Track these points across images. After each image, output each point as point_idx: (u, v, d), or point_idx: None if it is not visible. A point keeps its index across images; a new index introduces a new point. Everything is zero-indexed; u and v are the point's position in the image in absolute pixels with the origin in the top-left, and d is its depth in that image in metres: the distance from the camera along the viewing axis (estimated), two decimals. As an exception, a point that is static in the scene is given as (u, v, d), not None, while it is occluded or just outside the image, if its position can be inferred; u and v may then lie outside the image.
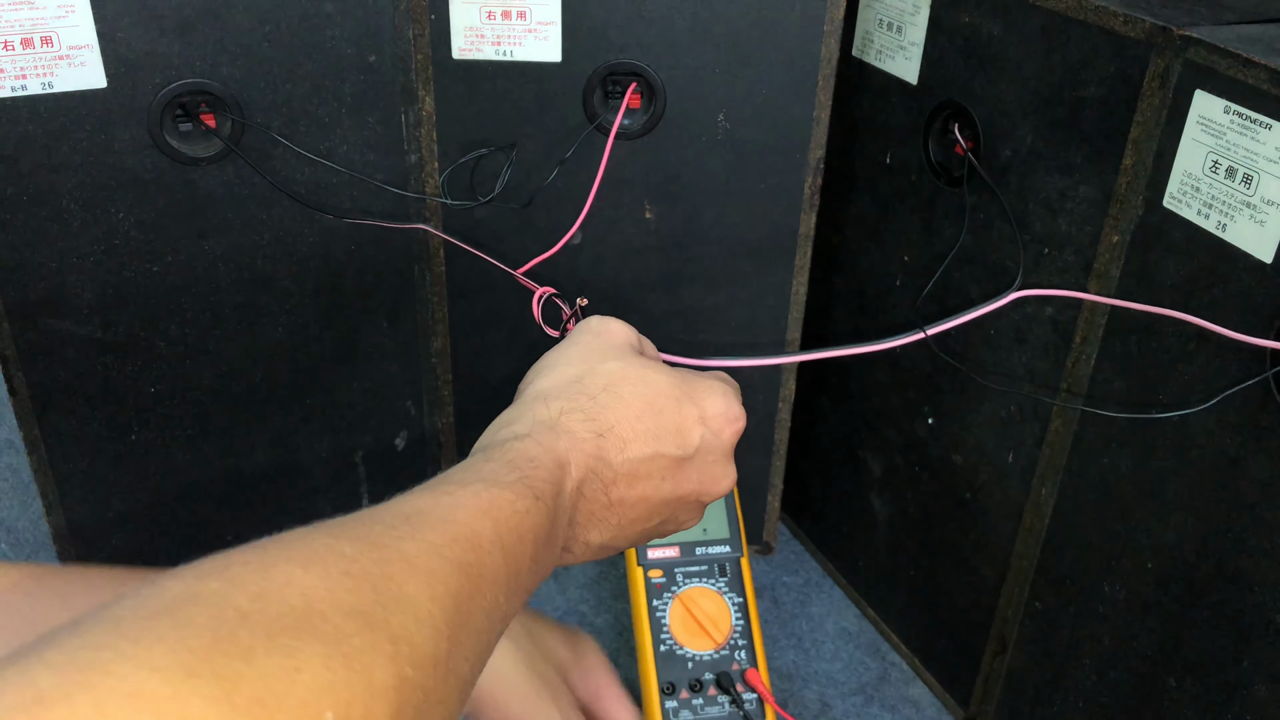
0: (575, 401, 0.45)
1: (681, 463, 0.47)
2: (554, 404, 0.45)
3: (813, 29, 0.65)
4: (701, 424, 0.48)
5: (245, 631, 0.26)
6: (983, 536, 0.68)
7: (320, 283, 0.71)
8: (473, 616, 0.34)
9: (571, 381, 0.46)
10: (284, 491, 0.77)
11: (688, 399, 0.48)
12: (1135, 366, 0.54)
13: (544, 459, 0.41)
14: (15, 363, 0.64)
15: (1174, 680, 0.55)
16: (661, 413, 0.46)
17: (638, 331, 0.52)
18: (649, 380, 0.47)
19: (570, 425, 0.44)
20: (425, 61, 0.66)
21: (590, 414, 0.45)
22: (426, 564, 0.33)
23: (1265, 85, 0.45)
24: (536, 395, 0.46)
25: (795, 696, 0.75)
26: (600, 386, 0.46)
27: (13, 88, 0.58)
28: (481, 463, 0.40)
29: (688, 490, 0.48)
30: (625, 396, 0.46)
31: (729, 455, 0.50)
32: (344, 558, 0.31)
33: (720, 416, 0.49)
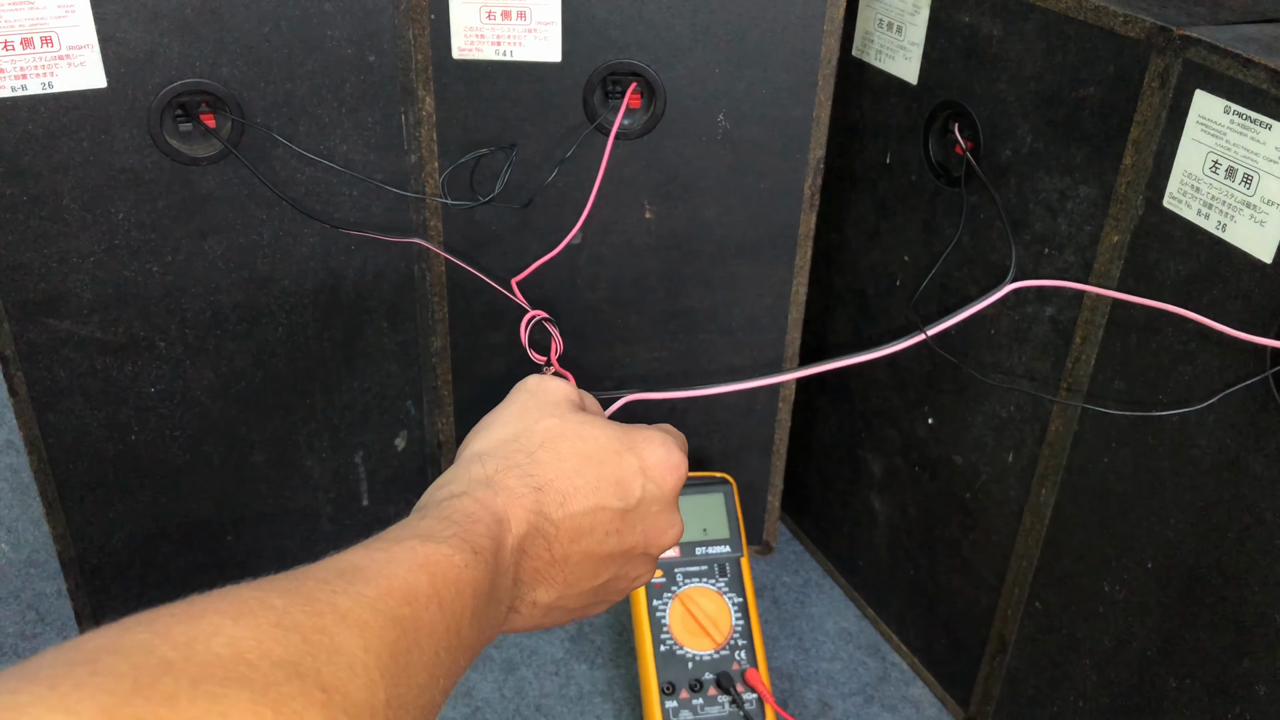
0: (511, 459, 0.45)
1: (625, 514, 0.47)
2: (490, 462, 0.45)
3: (813, 29, 0.65)
4: (642, 474, 0.47)
5: (169, 679, 0.26)
6: (983, 536, 0.68)
7: (320, 282, 0.71)
8: (411, 670, 0.34)
9: (507, 440, 0.46)
10: (284, 491, 0.77)
11: (628, 450, 0.47)
12: (1135, 366, 0.54)
13: (482, 515, 0.41)
14: (15, 363, 0.64)
15: (1174, 680, 0.55)
16: (601, 465, 0.46)
17: (577, 387, 0.52)
18: (586, 435, 0.47)
19: (507, 482, 0.44)
20: (425, 61, 0.66)
21: (527, 470, 0.44)
22: (359, 617, 0.33)
23: (1265, 85, 0.45)
24: (473, 456, 0.45)
25: (795, 696, 0.75)
26: (537, 443, 0.46)
27: (13, 88, 0.58)
28: (417, 520, 0.40)
29: (633, 543, 0.48)
30: (562, 452, 0.46)
31: (673, 505, 0.50)
32: (274, 610, 0.31)
33: (660, 465, 0.48)
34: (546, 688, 0.75)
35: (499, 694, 0.74)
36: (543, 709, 0.73)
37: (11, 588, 0.81)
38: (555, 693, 0.74)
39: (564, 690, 0.75)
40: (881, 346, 0.61)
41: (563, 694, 0.74)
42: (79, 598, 0.74)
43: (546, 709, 0.73)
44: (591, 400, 0.53)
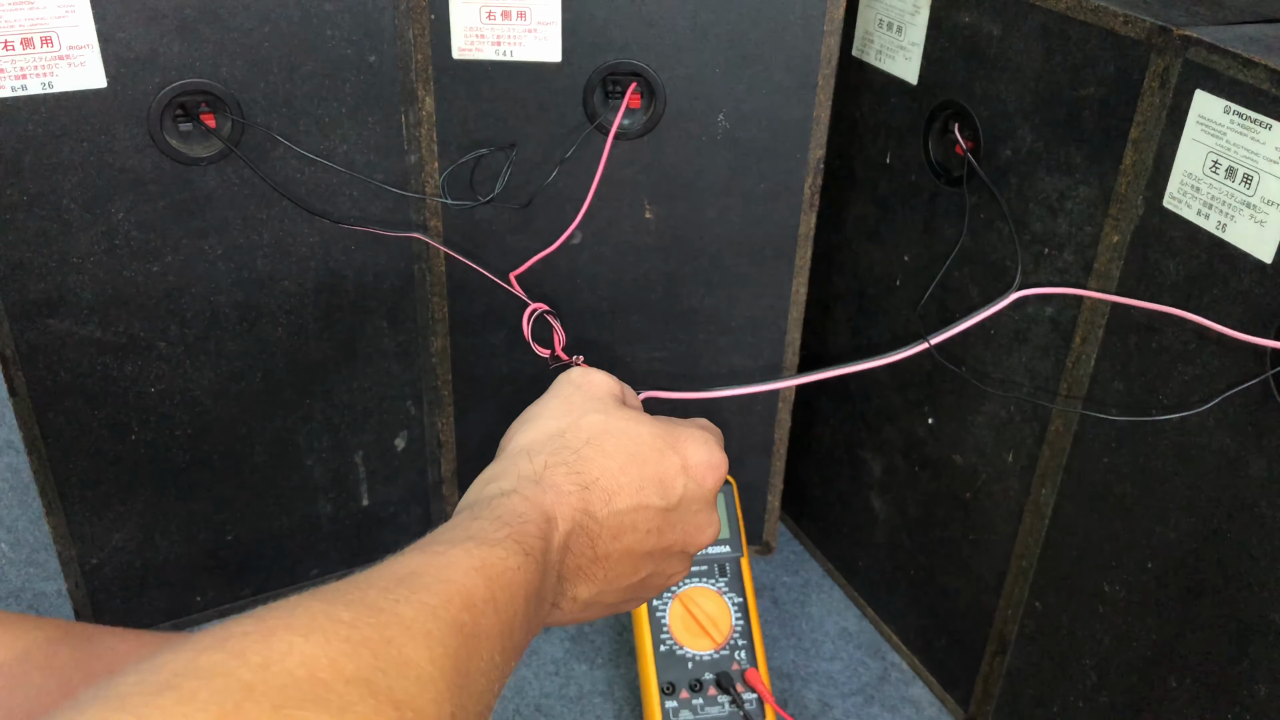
0: (559, 456, 0.45)
1: (666, 513, 0.47)
2: (538, 458, 0.45)
3: (813, 29, 0.65)
4: (684, 473, 0.48)
5: (251, 704, 0.26)
6: (983, 536, 0.68)
7: (320, 282, 0.71)
8: (471, 677, 0.34)
9: (554, 435, 0.46)
10: (284, 491, 0.77)
11: (670, 449, 0.48)
12: (1135, 367, 0.54)
13: (531, 514, 0.41)
14: (15, 363, 0.64)
15: (1174, 680, 0.55)
16: (645, 464, 0.47)
17: (619, 380, 0.52)
18: (631, 432, 0.47)
19: (555, 479, 0.44)
20: (425, 61, 0.66)
21: (574, 468, 0.45)
22: (424, 626, 0.33)
23: (1265, 85, 0.45)
24: (519, 450, 0.46)
25: (795, 696, 0.75)
26: (583, 440, 0.46)
27: (13, 88, 0.58)
28: (469, 520, 0.40)
29: (672, 541, 0.48)
30: (608, 449, 0.46)
31: (712, 504, 0.50)
32: (342, 624, 0.31)
33: (703, 465, 0.49)
34: (546, 688, 0.75)
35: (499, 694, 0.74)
36: (543, 709, 0.73)
37: (11, 588, 0.81)
38: (555, 693, 0.74)
39: (564, 690, 0.75)
40: (888, 354, 0.61)
41: (563, 694, 0.74)
42: (79, 598, 0.74)
43: (546, 709, 0.73)
44: (631, 393, 0.53)
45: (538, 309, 0.64)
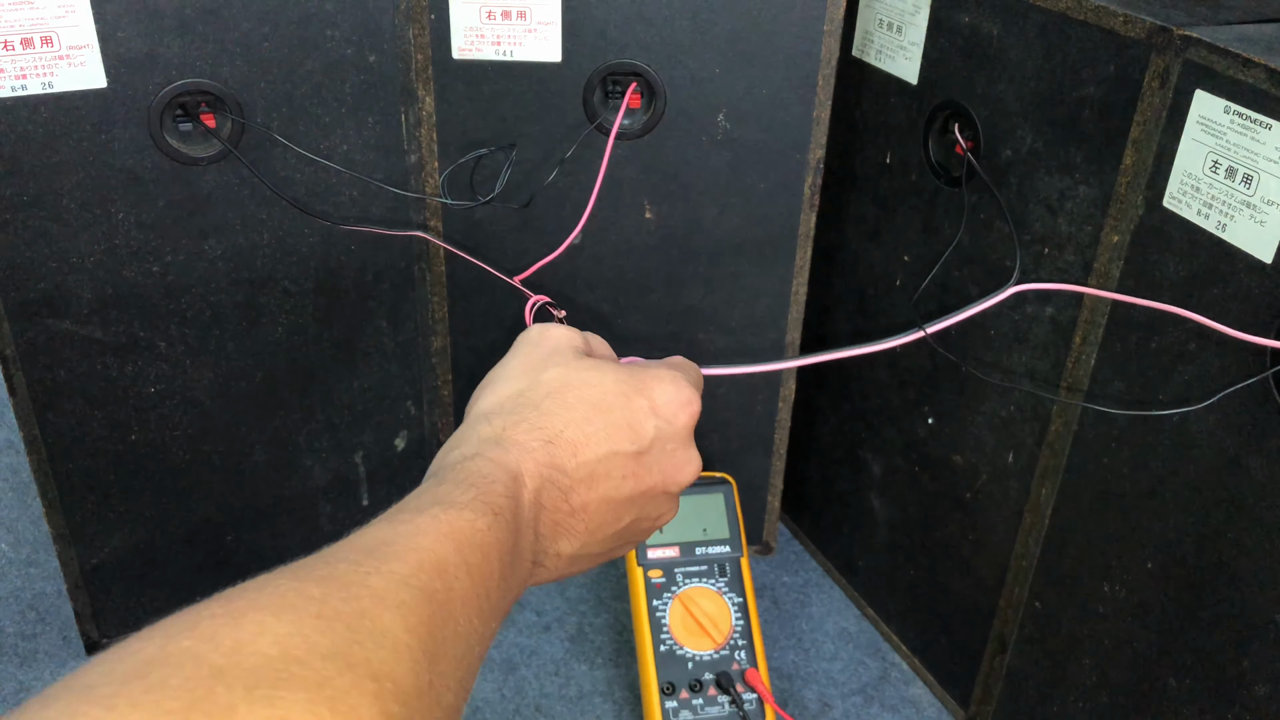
0: (519, 414, 0.45)
1: (639, 457, 0.47)
2: (497, 420, 0.44)
3: (813, 29, 0.65)
4: (653, 414, 0.47)
5: (223, 687, 0.26)
6: (983, 536, 0.68)
7: (320, 283, 0.71)
8: (448, 643, 0.34)
9: (514, 396, 0.46)
10: (284, 491, 0.77)
11: (636, 392, 0.47)
12: (1135, 367, 0.54)
13: (496, 474, 0.41)
14: (15, 363, 0.64)
15: (1174, 680, 0.55)
16: (610, 410, 0.46)
17: (581, 332, 0.51)
18: (593, 381, 0.47)
19: (517, 437, 0.43)
20: (425, 61, 0.66)
21: (536, 423, 0.44)
22: (396, 596, 0.33)
23: (1265, 85, 0.45)
24: (479, 415, 0.45)
25: (795, 696, 0.75)
26: (544, 395, 0.46)
27: (13, 88, 0.58)
28: (435, 486, 0.40)
29: (651, 484, 0.48)
30: (570, 401, 0.46)
31: (688, 441, 0.50)
32: (313, 600, 0.31)
33: (671, 403, 0.48)
34: (546, 688, 0.75)
35: (499, 694, 0.74)
36: (543, 709, 0.73)
37: (11, 588, 0.81)
38: (555, 693, 0.74)
39: (564, 690, 0.75)
40: (883, 340, 0.61)
41: (563, 694, 0.74)
42: (79, 598, 0.74)
43: (546, 709, 0.73)
44: (599, 343, 0.53)
45: (539, 300, 0.64)
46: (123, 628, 0.76)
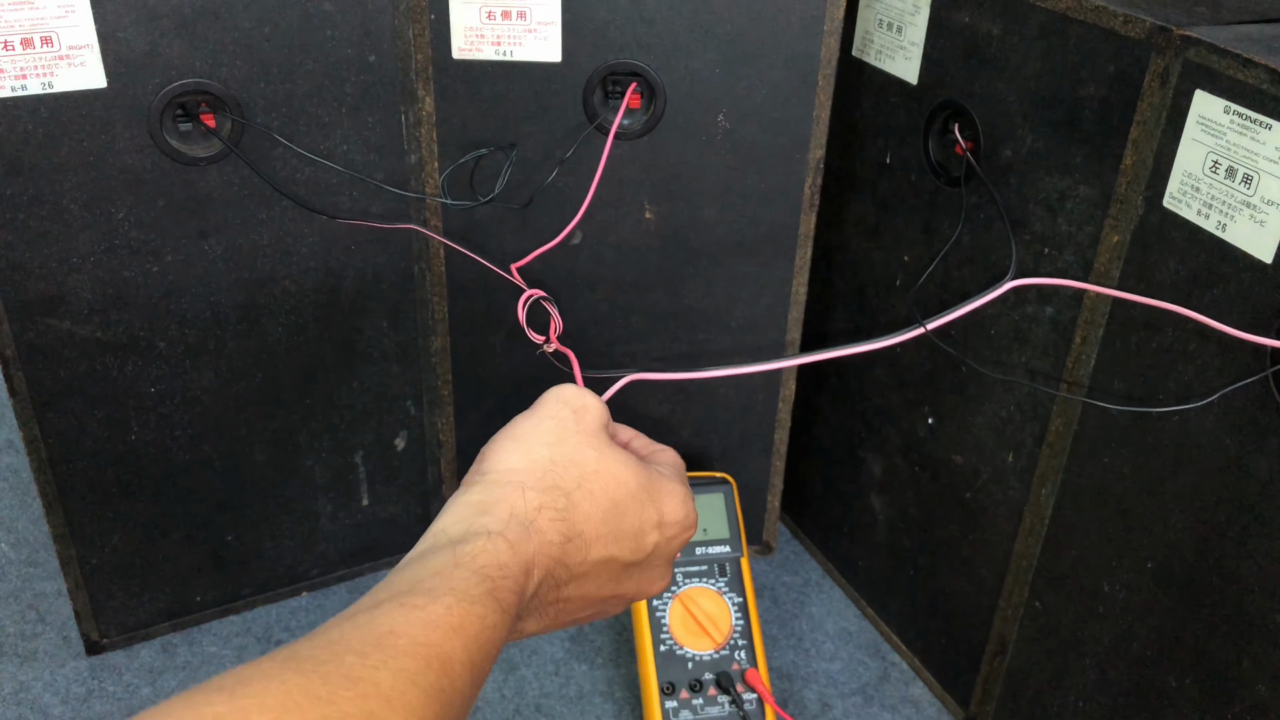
0: (550, 496, 0.44)
1: (629, 567, 0.47)
2: (530, 496, 0.44)
3: (813, 29, 0.65)
4: (658, 530, 0.47)
5: None
6: (983, 536, 0.68)
7: (320, 282, 0.71)
8: None
9: (546, 466, 0.45)
10: (284, 491, 0.77)
11: (650, 501, 0.47)
12: (1135, 366, 0.54)
13: (513, 567, 0.41)
14: (15, 363, 0.64)
15: (1174, 680, 0.55)
16: (625, 515, 0.46)
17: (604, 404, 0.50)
18: (621, 478, 0.46)
19: (542, 526, 0.43)
20: (425, 61, 0.66)
21: (563, 514, 0.44)
22: (404, 698, 0.33)
23: (1265, 85, 0.45)
24: (512, 481, 0.44)
25: (795, 696, 0.75)
26: (575, 482, 0.45)
27: (13, 88, 0.58)
28: (452, 568, 0.39)
29: (626, 591, 0.48)
30: (596, 495, 0.45)
31: (670, 560, 0.50)
32: (320, 700, 0.31)
33: (676, 525, 0.48)
34: (546, 688, 0.75)
35: (499, 694, 0.74)
36: (543, 709, 0.73)
37: (11, 588, 0.81)
38: (555, 693, 0.74)
39: (564, 690, 0.75)
40: (882, 337, 0.61)
41: (563, 694, 0.74)
42: (79, 598, 0.74)
43: (546, 709, 0.73)
44: (612, 423, 0.52)
45: (534, 294, 0.64)
46: (123, 628, 0.76)
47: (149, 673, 0.75)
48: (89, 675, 0.75)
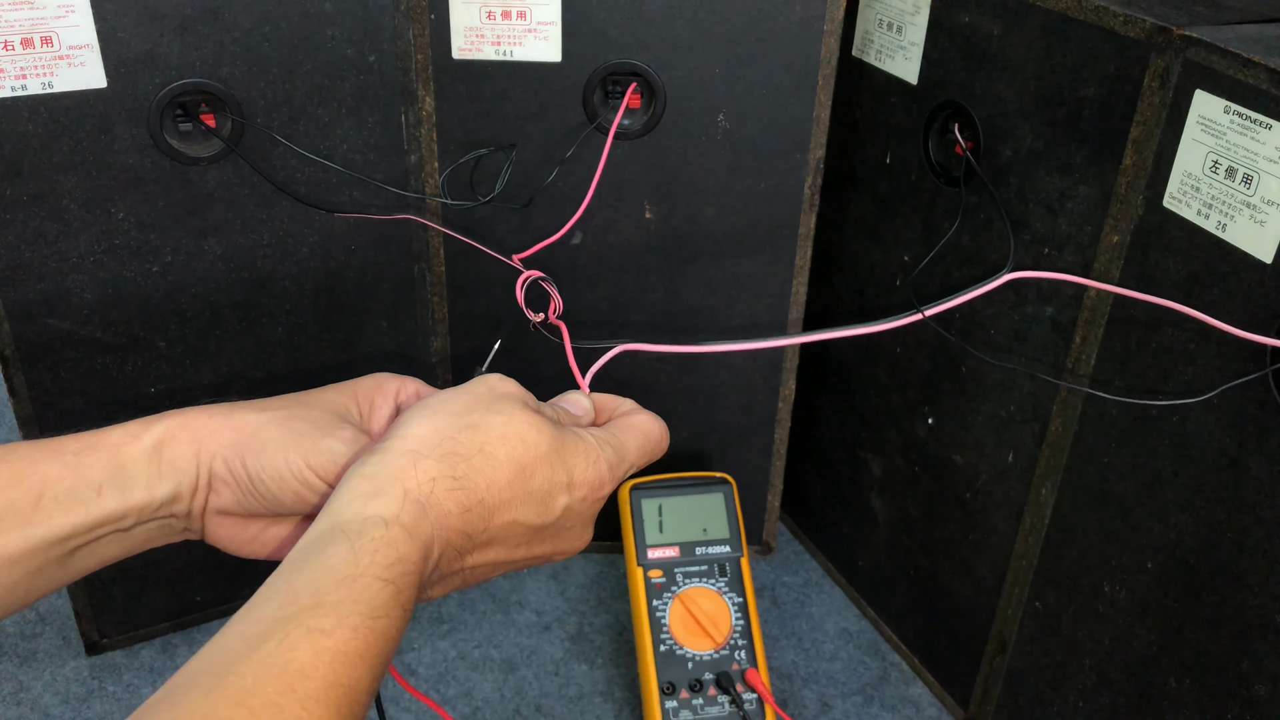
0: (446, 465, 0.43)
1: (539, 530, 0.47)
2: (424, 466, 0.43)
3: (813, 29, 0.65)
4: (567, 490, 0.47)
5: None
6: (983, 536, 0.68)
7: (320, 283, 0.71)
8: None
9: (447, 436, 0.45)
10: (284, 491, 0.76)
11: (560, 462, 0.46)
12: (1135, 366, 0.54)
13: (412, 555, 0.40)
14: (15, 363, 0.64)
15: (1174, 680, 0.55)
16: (531, 477, 0.45)
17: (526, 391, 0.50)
18: (529, 439, 0.46)
19: (439, 498, 0.42)
20: (425, 61, 0.66)
21: (460, 482, 0.43)
22: None
23: (1265, 85, 0.45)
24: (408, 450, 0.44)
25: (795, 696, 0.75)
26: (475, 447, 0.44)
27: (13, 88, 0.58)
28: (354, 574, 0.38)
29: (539, 553, 0.48)
30: (499, 458, 0.45)
31: (590, 520, 0.49)
32: None
33: (587, 485, 0.47)
34: (546, 688, 0.75)
35: (499, 694, 0.74)
36: (543, 709, 0.73)
37: (11, 588, 0.81)
38: (555, 693, 0.74)
39: (564, 690, 0.75)
40: (881, 321, 0.60)
41: (563, 694, 0.74)
42: (79, 598, 0.74)
43: (546, 709, 0.73)
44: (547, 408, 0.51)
45: (531, 275, 0.63)
46: (123, 628, 0.76)
47: (149, 673, 0.75)
48: (89, 675, 0.75)
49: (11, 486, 0.44)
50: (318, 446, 0.47)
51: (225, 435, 0.47)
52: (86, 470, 0.45)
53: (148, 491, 0.46)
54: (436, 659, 0.76)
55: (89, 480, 0.45)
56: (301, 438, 0.48)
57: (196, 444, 0.47)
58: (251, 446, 0.48)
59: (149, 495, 0.46)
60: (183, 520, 0.48)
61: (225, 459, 0.47)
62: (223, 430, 0.47)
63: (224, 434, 0.47)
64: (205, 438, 0.47)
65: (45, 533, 0.44)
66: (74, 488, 0.45)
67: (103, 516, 0.45)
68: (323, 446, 0.47)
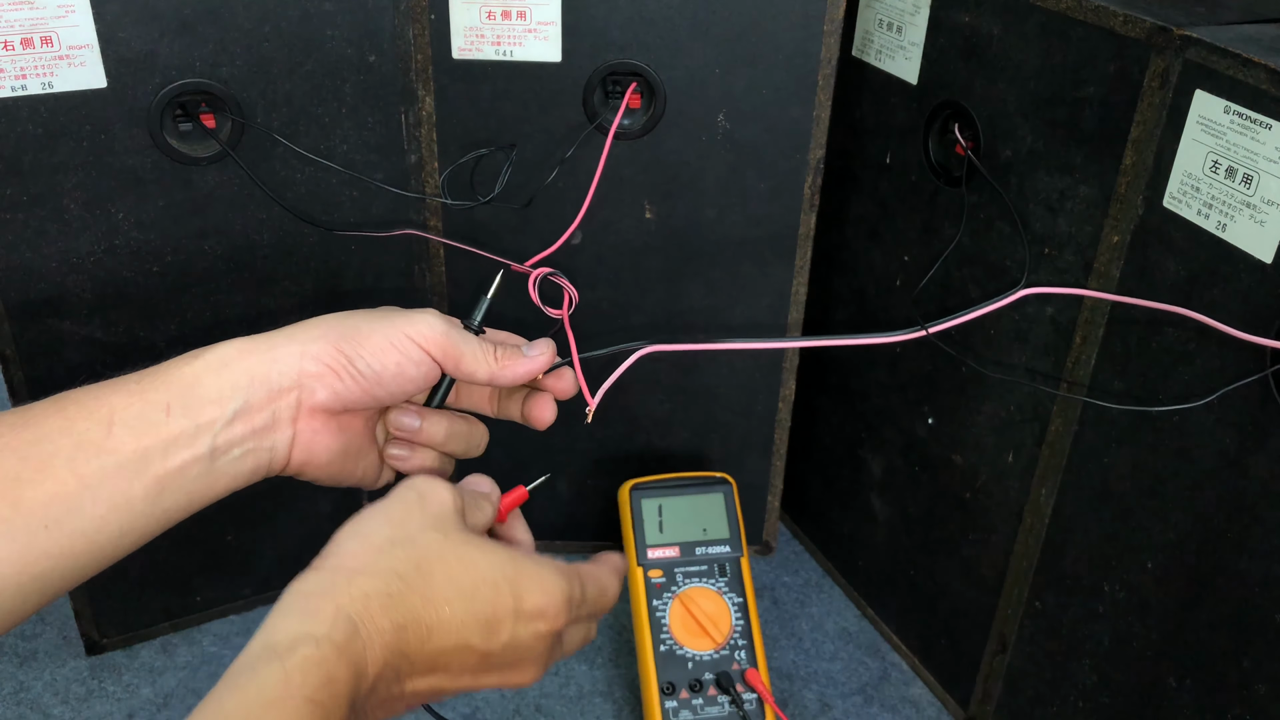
0: (381, 581, 0.42)
1: (485, 656, 0.45)
2: (359, 583, 0.42)
3: (813, 29, 0.65)
4: (514, 617, 0.45)
5: None
6: (983, 536, 0.68)
7: (320, 283, 0.71)
8: None
9: (383, 550, 0.44)
10: (284, 491, 0.76)
11: (507, 587, 0.45)
12: (1135, 366, 0.54)
13: (342, 677, 0.39)
14: (15, 363, 0.64)
15: (1174, 680, 0.55)
16: (473, 600, 0.44)
17: (463, 497, 0.48)
18: (468, 560, 0.44)
19: (372, 615, 0.41)
20: (425, 61, 0.66)
21: (395, 599, 0.42)
22: None
23: (1265, 85, 0.45)
24: (342, 567, 0.43)
25: (795, 696, 0.75)
26: (412, 565, 0.43)
27: (13, 88, 0.58)
28: (284, 698, 0.38)
29: (486, 683, 0.46)
30: (437, 580, 0.43)
31: (540, 657, 0.47)
32: None
33: (538, 615, 0.45)
34: (546, 688, 0.75)
35: (499, 694, 0.74)
36: (543, 709, 0.73)
37: (11, 588, 0.81)
38: (555, 693, 0.74)
39: (564, 690, 0.75)
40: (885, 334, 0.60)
41: (563, 694, 0.74)
42: (79, 598, 0.74)
43: (546, 709, 0.73)
44: (478, 511, 0.50)
45: (543, 272, 0.62)
46: (123, 628, 0.76)
47: (149, 673, 0.75)
48: (89, 675, 0.75)
49: (82, 419, 0.44)
50: (411, 318, 0.49)
51: (305, 333, 0.48)
52: (152, 393, 0.45)
53: (219, 406, 0.46)
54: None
55: (155, 402, 0.45)
56: (392, 314, 0.50)
57: (270, 351, 0.48)
58: (343, 331, 0.49)
59: (220, 409, 0.46)
60: (268, 438, 0.48)
61: (315, 354, 0.48)
62: (299, 334, 0.48)
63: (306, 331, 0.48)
64: (280, 343, 0.48)
65: (120, 460, 0.44)
66: (142, 410, 0.45)
67: (174, 435, 0.45)
68: (416, 318, 0.49)
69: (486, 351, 0.51)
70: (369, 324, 0.50)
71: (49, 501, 0.43)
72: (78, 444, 0.43)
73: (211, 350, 0.47)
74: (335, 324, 0.50)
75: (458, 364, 0.51)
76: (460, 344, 0.50)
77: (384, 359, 0.49)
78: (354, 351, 0.48)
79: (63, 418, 0.44)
